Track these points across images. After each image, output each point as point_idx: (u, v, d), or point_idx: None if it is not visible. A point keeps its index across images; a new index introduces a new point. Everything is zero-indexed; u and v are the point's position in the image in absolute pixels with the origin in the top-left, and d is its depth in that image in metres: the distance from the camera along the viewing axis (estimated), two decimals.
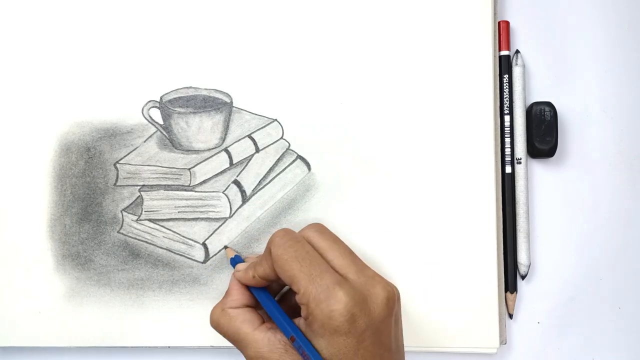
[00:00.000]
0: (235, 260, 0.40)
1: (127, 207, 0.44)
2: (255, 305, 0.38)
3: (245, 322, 0.36)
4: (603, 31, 0.46)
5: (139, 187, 0.44)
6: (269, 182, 0.44)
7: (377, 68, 0.44)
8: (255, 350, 0.34)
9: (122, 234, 0.44)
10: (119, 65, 0.45)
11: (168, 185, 0.44)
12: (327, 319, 0.32)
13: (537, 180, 0.45)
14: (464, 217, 0.43)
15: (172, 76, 0.45)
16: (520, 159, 0.44)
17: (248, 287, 0.38)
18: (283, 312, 0.36)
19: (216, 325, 0.37)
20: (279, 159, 0.44)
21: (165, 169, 0.44)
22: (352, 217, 0.43)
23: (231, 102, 0.44)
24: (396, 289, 0.35)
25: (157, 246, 0.44)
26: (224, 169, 0.44)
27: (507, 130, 0.44)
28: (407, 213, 0.43)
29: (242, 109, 0.44)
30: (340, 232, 0.42)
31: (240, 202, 0.44)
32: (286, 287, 0.40)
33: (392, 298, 0.34)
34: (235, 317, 0.36)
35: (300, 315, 0.35)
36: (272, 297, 0.37)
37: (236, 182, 0.44)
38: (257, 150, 0.44)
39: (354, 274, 0.34)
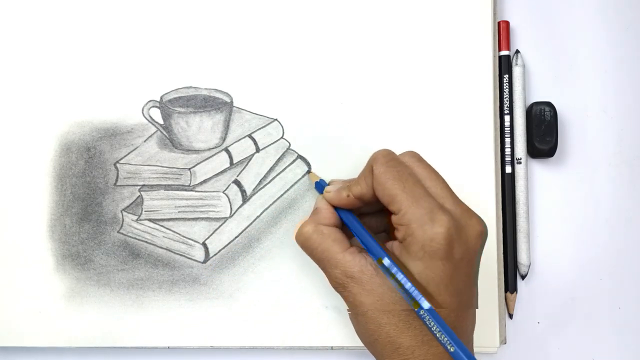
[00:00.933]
0: (321, 184, 0.40)
1: (127, 207, 0.44)
2: (342, 228, 0.37)
3: (337, 241, 0.35)
4: (603, 31, 0.46)
5: (139, 187, 0.44)
6: (270, 181, 0.44)
7: (377, 68, 0.44)
8: (345, 269, 0.34)
9: (122, 233, 0.44)
10: (119, 65, 0.45)
11: (168, 185, 0.44)
12: (428, 240, 0.31)
13: (537, 180, 0.45)
14: None
15: (172, 76, 0.45)
16: (520, 159, 0.44)
17: (335, 210, 0.37)
18: (371, 235, 0.35)
19: (306, 239, 0.36)
20: (279, 158, 0.44)
21: (165, 168, 0.44)
22: None
23: (231, 102, 0.44)
24: None
25: (157, 246, 0.44)
26: (224, 169, 0.44)
27: (507, 130, 0.44)
28: None
29: (242, 109, 0.44)
30: None
31: (241, 202, 0.44)
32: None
33: (485, 233, 0.34)
34: (328, 234, 0.35)
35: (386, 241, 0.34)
36: (359, 221, 0.37)
37: (236, 182, 0.44)
38: (258, 149, 0.44)
39: (451, 204, 0.34)
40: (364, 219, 0.38)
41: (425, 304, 0.31)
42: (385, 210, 0.35)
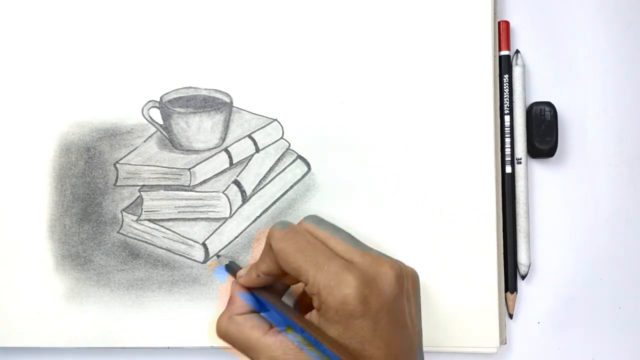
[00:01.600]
0: (230, 267, 0.40)
1: (127, 207, 0.44)
2: (259, 311, 0.37)
3: (255, 327, 0.35)
4: (603, 31, 0.46)
5: (138, 187, 0.44)
6: (269, 182, 0.44)
7: (377, 68, 0.44)
8: (268, 355, 0.33)
9: (122, 234, 0.44)
10: (119, 65, 0.45)
11: (168, 185, 0.44)
12: (340, 304, 0.31)
13: (537, 180, 0.45)
14: (464, 217, 0.43)
15: (172, 76, 0.45)
16: (520, 159, 0.44)
17: (251, 293, 0.37)
18: (288, 309, 0.35)
19: (224, 334, 0.36)
20: (279, 158, 0.44)
21: (165, 169, 0.44)
22: (352, 217, 0.43)
23: (231, 102, 0.44)
24: (406, 267, 0.35)
25: (157, 246, 0.44)
26: (224, 169, 0.44)
27: (507, 130, 0.44)
28: (407, 213, 0.43)
29: (242, 109, 0.44)
30: None
31: (240, 202, 0.44)
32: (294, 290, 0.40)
33: (401, 275, 0.34)
34: (243, 323, 0.35)
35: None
36: (274, 294, 0.37)
37: (236, 182, 0.44)
38: (257, 150, 0.44)
39: (359, 257, 0.34)
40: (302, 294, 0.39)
41: None
42: None
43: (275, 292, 0.38)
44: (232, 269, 0.40)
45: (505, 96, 0.44)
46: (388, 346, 0.32)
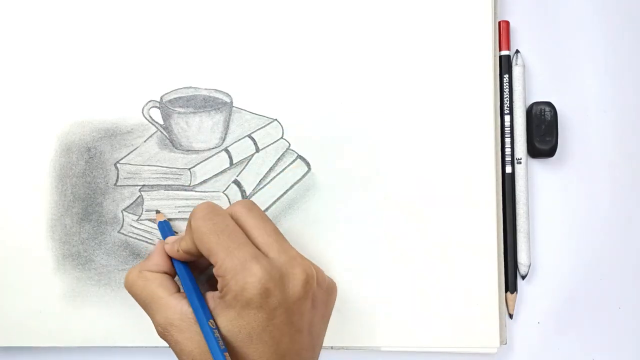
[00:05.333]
0: (163, 225, 0.40)
1: (128, 207, 0.44)
2: (173, 275, 0.38)
3: (162, 286, 0.35)
4: (603, 31, 0.46)
5: (139, 187, 0.44)
6: (269, 181, 0.44)
7: (377, 68, 0.44)
8: (166, 316, 0.34)
9: (123, 233, 0.44)
10: (119, 65, 0.45)
11: (168, 185, 0.44)
12: (240, 290, 0.32)
13: (537, 180, 0.45)
14: (465, 217, 0.43)
15: (172, 76, 0.45)
16: (520, 159, 0.44)
17: (171, 258, 0.38)
18: (197, 287, 0.35)
19: (130, 286, 0.36)
20: (279, 158, 0.44)
21: (165, 168, 0.44)
22: (352, 217, 0.43)
23: (231, 102, 0.44)
24: (324, 277, 0.36)
25: None
26: (224, 169, 0.44)
27: (507, 130, 0.44)
28: (407, 213, 0.43)
29: (242, 109, 0.44)
30: (340, 231, 0.43)
31: None
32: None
33: (311, 281, 0.34)
34: (152, 280, 0.36)
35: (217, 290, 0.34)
36: (191, 272, 0.37)
37: (236, 182, 0.44)
38: (257, 150, 0.44)
39: (275, 252, 0.34)
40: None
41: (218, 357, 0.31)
42: None
43: (198, 264, 0.38)
44: (164, 229, 0.40)
45: (505, 96, 0.44)
46: (276, 344, 0.32)
